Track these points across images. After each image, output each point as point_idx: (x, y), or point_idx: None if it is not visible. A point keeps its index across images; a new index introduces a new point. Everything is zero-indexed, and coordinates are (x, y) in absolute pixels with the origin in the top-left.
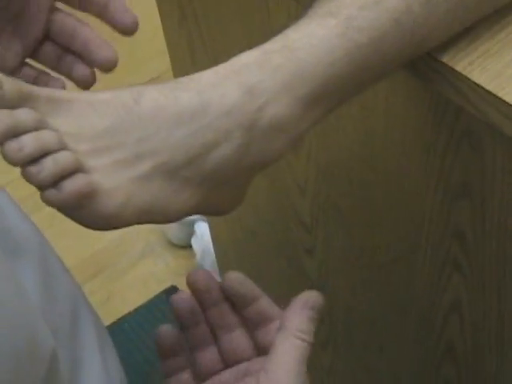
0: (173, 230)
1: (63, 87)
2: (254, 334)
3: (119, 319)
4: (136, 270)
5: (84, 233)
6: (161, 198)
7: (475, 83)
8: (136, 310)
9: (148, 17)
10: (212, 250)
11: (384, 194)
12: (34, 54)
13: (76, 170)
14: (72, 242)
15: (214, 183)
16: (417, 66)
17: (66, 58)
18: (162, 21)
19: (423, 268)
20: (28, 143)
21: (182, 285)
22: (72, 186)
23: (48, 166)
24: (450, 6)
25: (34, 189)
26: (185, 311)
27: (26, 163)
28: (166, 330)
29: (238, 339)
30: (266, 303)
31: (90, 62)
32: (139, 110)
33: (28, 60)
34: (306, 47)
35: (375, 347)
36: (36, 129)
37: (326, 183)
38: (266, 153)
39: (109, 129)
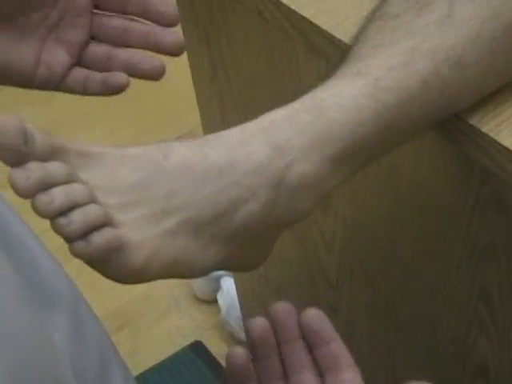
0: (199, 284)
1: (127, 80)
2: (324, 378)
3: (144, 372)
4: (162, 323)
5: (111, 285)
6: (187, 253)
7: (502, 145)
8: (161, 363)
9: (181, 72)
10: (238, 305)
11: (410, 254)
12: (81, 58)
13: (104, 223)
14: (99, 294)
15: (241, 239)
16: (444, 126)
17: (118, 56)
18: (193, 77)
19: (448, 329)
20: (58, 196)
21: (208, 339)
22: (100, 239)
23: (77, 219)
24: (479, 68)
25: (62, 240)
26: (258, 339)
27: (56, 215)
28: (240, 351)
29: (307, 381)
30: (340, 347)
31: (158, 48)
32: (168, 165)
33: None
34: (334, 107)
35: None
36: (66, 182)
37: (352, 241)
38: (293, 210)
39: (138, 183)
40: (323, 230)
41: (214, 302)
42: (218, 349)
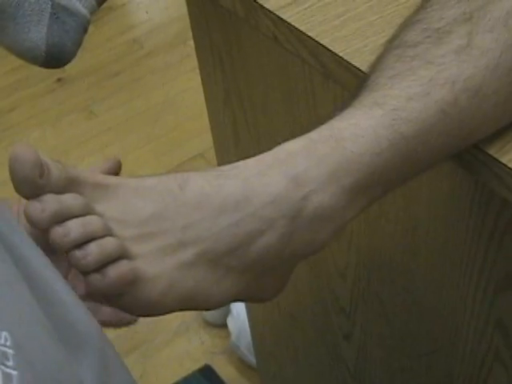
0: None
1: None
2: None
3: None
4: (171, 347)
5: None
6: (203, 285)
7: None
8: None
9: (191, 95)
10: (248, 330)
11: (425, 283)
12: None
13: (120, 255)
14: None
15: (257, 271)
16: (462, 156)
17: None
18: (206, 100)
19: (463, 359)
20: (74, 229)
21: (217, 364)
22: (116, 271)
23: (93, 252)
24: (498, 99)
25: None
26: None
27: (72, 248)
28: None
29: None
30: None
31: None
32: (184, 197)
33: None
34: (351, 137)
35: None
36: (82, 214)
37: (366, 269)
38: (310, 242)
39: (154, 215)
40: (337, 257)
41: (224, 326)
42: (227, 373)
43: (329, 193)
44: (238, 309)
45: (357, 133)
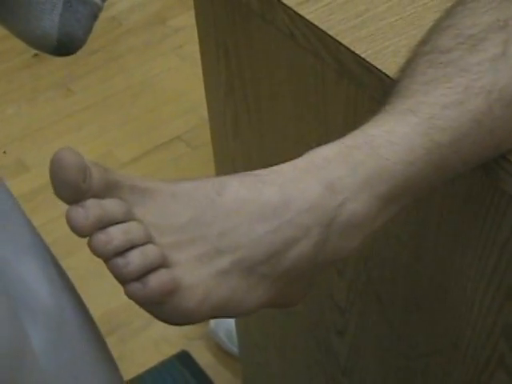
0: None
1: None
2: None
3: (129, 381)
4: (148, 331)
5: (97, 290)
6: (237, 294)
7: None
8: (146, 372)
9: (170, 77)
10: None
11: (429, 286)
12: None
13: (161, 264)
14: (85, 298)
15: (288, 279)
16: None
17: None
18: (206, 90)
19: (464, 363)
20: (117, 236)
21: (194, 349)
22: (157, 281)
23: (135, 260)
24: None
25: (46, 241)
26: None
27: (113, 256)
28: None
29: None
30: None
31: None
32: (221, 202)
33: None
34: (386, 145)
35: None
36: (123, 220)
37: (367, 268)
38: (341, 249)
39: (191, 221)
40: None
41: None
42: (204, 359)
43: (362, 201)
44: None
45: (392, 140)
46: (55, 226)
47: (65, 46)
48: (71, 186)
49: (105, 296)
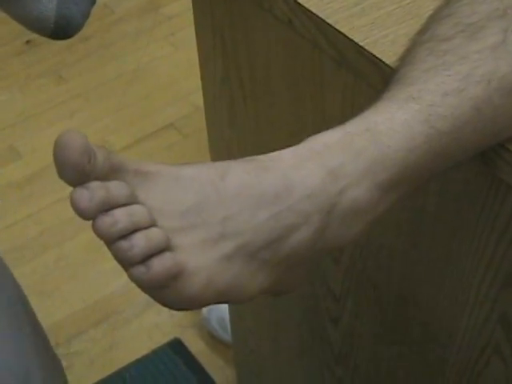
0: None
1: None
2: None
3: (121, 368)
4: (140, 319)
5: (90, 278)
6: (239, 279)
7: None
8: (139, 360)
9: (163, 64)
10: (220, 305)
11: (425, 274)
12: None
13: (165, 248)
14: (77, 286)
15: (288, 265)
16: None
17: None
18: (202, 78)
19: (460, 350)
20: (121, 218)
21: (186, 337)
22: (161, 265)
23: (140, 243)
24: None
25: (39, 229)
26: None
27: (117, 238)
28: None
29: None
30: None
31: None
32: (224, 187)
33: None
34: (387, 132)
35: None
36: (128, 203)
37: (363, 256)
38: (341, 237)
39: (195, 206)
40: None
41: None
42: (197, 347)
43: (363, 188)
44: None
45: (393, 127)
46: (47, 214)
47: (62, 29)
48: (75, 168)
49: (97, 284)
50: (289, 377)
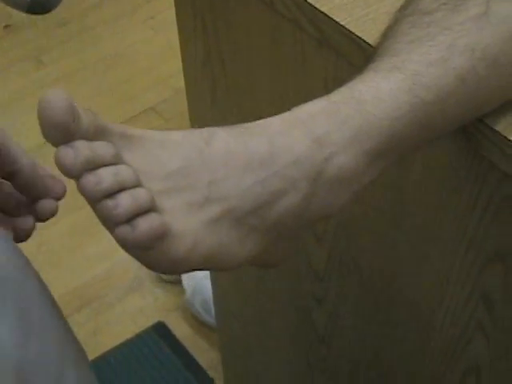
0: None
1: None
2: None
3: (105, 353)
4: (124, 303)
5: (72, 263)
6: (227, 244)
7: None
8: (123, 344)
9: (145, 47)
10: (203, 288)
11: (408, 253)
12: None
13: (150, 208)
14: (59, 271)
15: (276, 234)
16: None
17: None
18: (183, 59)
19: (442, 329)
20: (106, 177)
21: (170, 321)
22: (147, 225)
23: (125, 202)
24: None
25: None
26: None
27: (103, 197)
28: None
29: None
30: None
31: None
32: (210, 152)
33: None
34: (373, 100)
35: None
36: (113, 163)
37: (346, 236)
38: (328, 205)
39: (180, 170)
40: None
41: (178, 282)
42: (181, 331)
43: (349, 156)
44: None
45: (378, 96)
46: None
47: (39, 4)
48: (60, 127)
49: (79, 269)
50: (274, 359)
